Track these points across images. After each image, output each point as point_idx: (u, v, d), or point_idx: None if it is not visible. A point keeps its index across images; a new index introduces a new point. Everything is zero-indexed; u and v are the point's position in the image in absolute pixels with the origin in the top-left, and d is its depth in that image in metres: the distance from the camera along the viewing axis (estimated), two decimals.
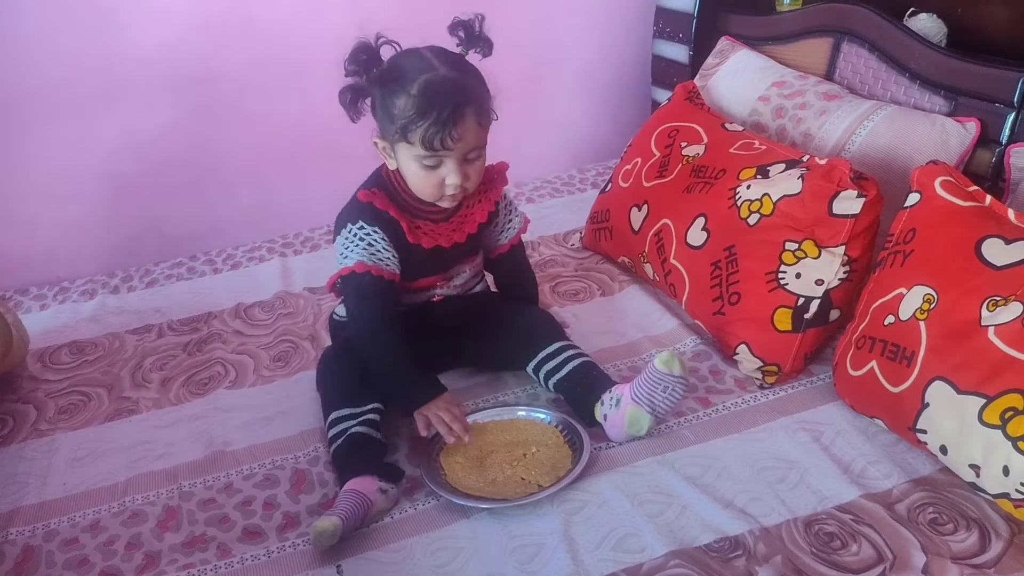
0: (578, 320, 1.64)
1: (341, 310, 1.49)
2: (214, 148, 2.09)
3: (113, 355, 1.67)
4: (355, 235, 1.33)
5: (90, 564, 1.18)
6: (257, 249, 2.06)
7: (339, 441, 1.27)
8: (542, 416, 1.36)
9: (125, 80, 1.96)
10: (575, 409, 1.36)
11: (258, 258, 2.02)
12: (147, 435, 1.43)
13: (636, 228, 1.69)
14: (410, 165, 1.28)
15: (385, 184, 1.36)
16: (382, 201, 1.33)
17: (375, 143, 1.33)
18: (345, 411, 1.30)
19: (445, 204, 1.34)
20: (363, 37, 1.26)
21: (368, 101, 1.29)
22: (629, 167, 1.79)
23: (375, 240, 1.32)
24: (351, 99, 1.28)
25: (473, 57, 1.32)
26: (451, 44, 1.33)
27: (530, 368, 1.42)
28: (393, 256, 1.34)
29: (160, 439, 1.41)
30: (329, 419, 1.31)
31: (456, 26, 1.32)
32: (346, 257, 1.33)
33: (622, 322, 1.63)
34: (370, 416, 1.30)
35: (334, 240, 1.39)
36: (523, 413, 1.37)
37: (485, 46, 1.33)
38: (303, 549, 1.17)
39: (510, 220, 1.50)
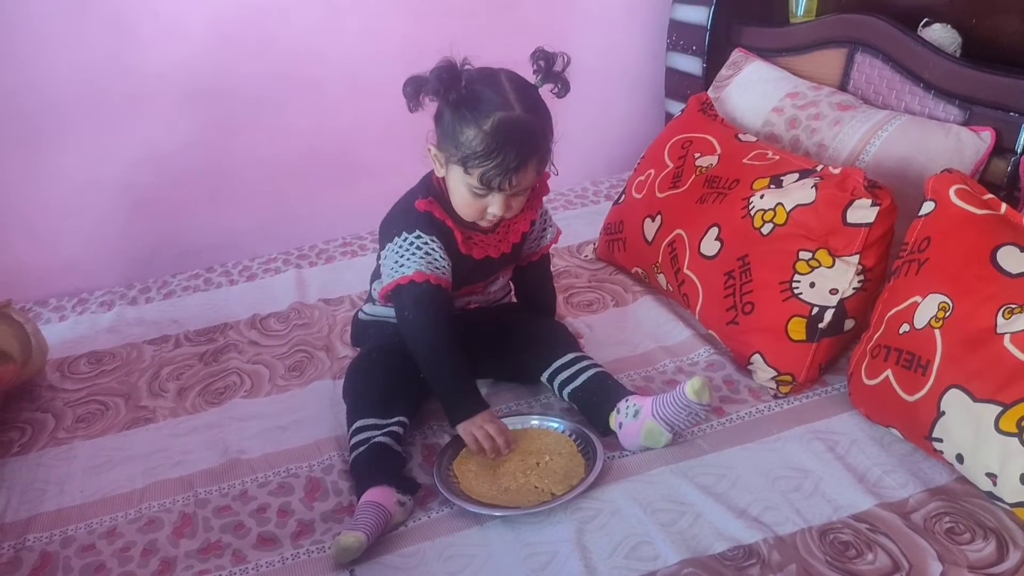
0: (591, 330, 1.65)
1: (370, 308, 1.50)
2: (231, 162, 2.12)
3: (130, 365, 1.68)
4: (411, 244, 1.33)
5: (106, 570, 1.19)
6: (272, 261, 2.08)
7: (361, 449, 1.28)
8: (555, 425, 1.36)
9: (144, 95, 1.98)
10: (589, 418, 1.36)
11: (273, 270, 2.04)
12: (163, 443, 1.44)
13: (649, 239, 1.69)
14: (459, 187, 1.29)
15: (439, 194, 1.36)
16: (439, 211, 1.34)
17: (429, 149, 1.33)
18: (370, 420, 1.30)
19: (482, 224, 1.35)
20: (450, 57, 1.25)
21: (428, 98, 1.28)
22: (642, 178, 1.79)
23: (432, 249, 1.33)
24: (413, 92, 1.27)
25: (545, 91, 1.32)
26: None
27: (544, 377, 1.42)
28: (448, 267, 1.35)
29: (176, 447, 1.42)
30: (353, 427, 1.31)
31: (538, 55, 1.31)
32: (402, 266, 1.32)
33: (636, 332, 1.63)
34: (394, 428, 1.30)
35: (381, 246, 1.40)
36: (536, 422, 1.37)
37: (563, 88, 1.32)
38: (317, 556, 1.17)
39: (544, 230, 1.51)
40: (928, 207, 1.30)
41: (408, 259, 1.32)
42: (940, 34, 1.69)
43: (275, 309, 1.84)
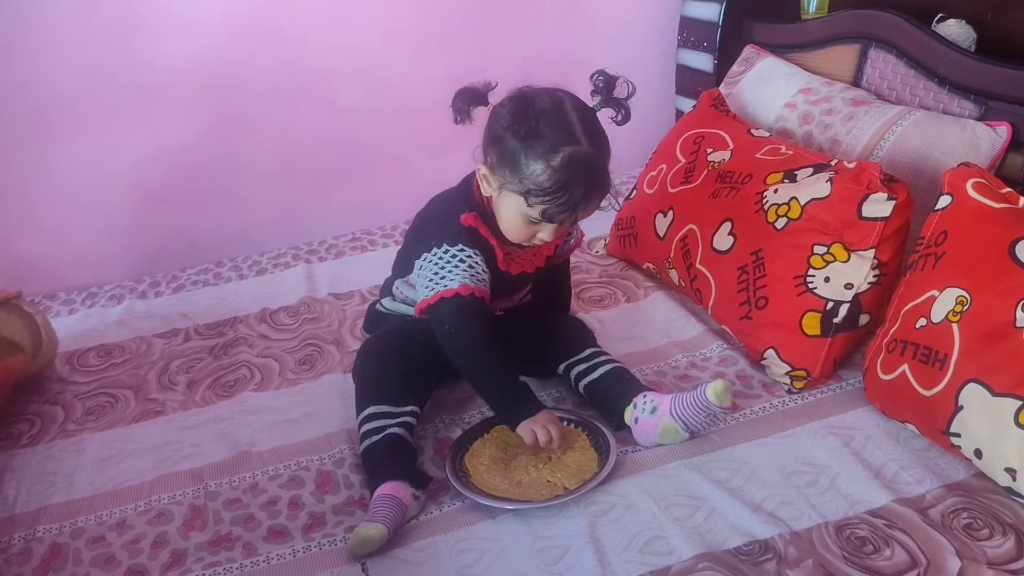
0: (603, 326, 1.64)
1: (389, 303, 1.49)
2: (240, 157, 2.12)
3: (140, 358, 1.68)
4: (455, 257, 1.29)
5: (116, 562, 1.18)
6: (282, 255, 2.08)
7: (375, 439, 1.26)
8: (567, 419, 1.35)
9: (154, 90, 1.98)
10: (604, 412, 1.35)
11: (283, 264, 2.04)
12: (173, 436, 1.43)
13: (661, 234, 1.68)
14: (511, 213, 1.26)
15: (482, 210, 1.33)
16: (485, 229, 1.31)
17: (478, 168, 1.28)
18: (384, 408, 1.28)
19: (525, 244, 1.33)
20: (523, 89, 1.22)
21: (485, 114, 1.24)
22: (654, 173, 1.78)
23: (476, 263, 1.30)
24: (464, 106, 1.24)
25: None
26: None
27: (561, 369, 1.41)
28: (488, 278, 1.32)
29: (186, 440, 1.42)
30: (365, 412, 1.29)
31: (598, 77, 1.29)
32: (443, 278, 1.28)
33: (647, 328, 1.62)
34: (407, 419, 1.29)
35: (415, 253, 1.34)
36: None
37: (625, 116, 1.29)
38: (328, 549, 1.16)
39: (570, 235, 1.49)
40: (945, 201, 1.29)
41: (451, 272, 1.29)
42: (955, 29, 1.68)
43: (285, 303, 1.84)
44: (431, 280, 1.30)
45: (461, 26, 2.17)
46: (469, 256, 1.29)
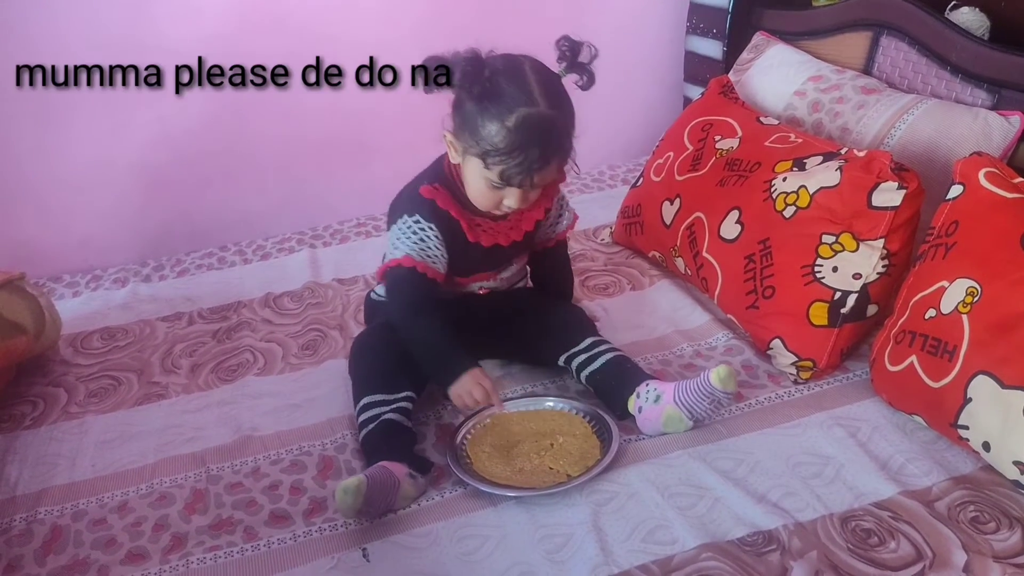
0: (608, 314, 1.62)
1: (381, 290, 1.48)
2: (245, 141, 2.11)
3: (143, 341, 1.68)
4: (409, 228, 1.31)
5: (117, 544, 1.18)
6: (287, 240, 2.07)
7: (371, 426, 1.26)
8: (569, 406, 1.34)
9: (159, 74, 1.97)
10: (606, 401, 1.34)
11: (287, 249, 2.03)
12: (176, 419, 1.43)
13: (668, 222, 1.67)
14: (475, 178, 1.26)
15: (448, 180, 1.33)
16: (444, 199, 1.31)
17: (444, 135, 1.29)
18: (378, 396, 1.28)
19: (495, 214, 1.33)
20: (475, 48, 1.22)
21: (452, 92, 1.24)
22: (661, 161, 1.77)
23: (428, 237, 1.30)
24: (432, 77, 1.24)
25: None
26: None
27: (561, 361, 1.40)
28: (443, 256, 1.32)
29: (188, 423, 1.42)
30: (361, 403, 1.29)
31: (563, 43, 1.28)
32: (396, 248, 1.31)
33: (652, 316, 1.61)
34: (403, 404, 1.29)
35: (388, 227, 1.38)
36: (551, 404, 1.36)
37: (588, 80, 1.28)
38: (329, 534, 1.16)
39: (560, 216, 1.48)
40: (956, 191, 1.28)
41: (402, 243, 1.31)
42: (968, 17, 1.66)
43: (289, 288, 1.83)
44: (388, 251, 1.32)
45: (466, 13, 2.14)
46: (423, 228, 1.30)
